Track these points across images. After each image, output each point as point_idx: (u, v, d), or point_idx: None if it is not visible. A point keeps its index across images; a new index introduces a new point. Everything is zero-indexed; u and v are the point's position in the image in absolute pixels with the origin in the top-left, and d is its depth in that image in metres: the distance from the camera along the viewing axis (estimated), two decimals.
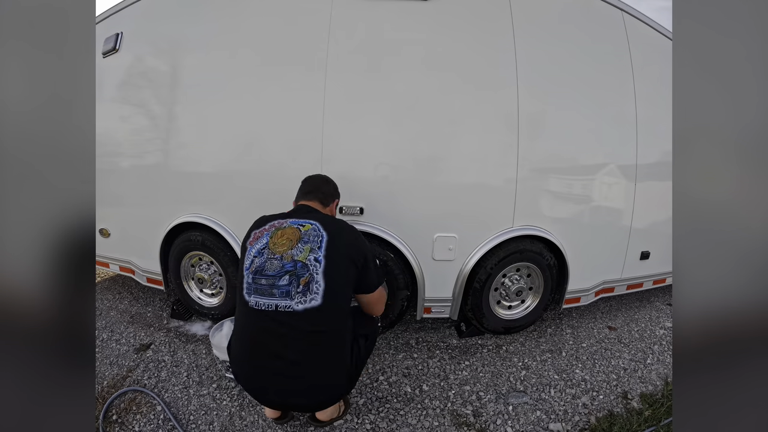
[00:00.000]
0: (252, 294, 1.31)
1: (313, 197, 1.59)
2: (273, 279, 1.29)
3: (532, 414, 1.77)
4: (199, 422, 1.69)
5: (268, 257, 1.33)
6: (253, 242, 1.40)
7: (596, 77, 2.18)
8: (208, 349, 2.21)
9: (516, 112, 2.03)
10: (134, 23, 2.34)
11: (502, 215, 2.11)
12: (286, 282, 1.28)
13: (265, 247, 1.35)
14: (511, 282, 2.31)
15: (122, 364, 2.10)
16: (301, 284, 1.27)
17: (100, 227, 2.58)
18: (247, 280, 1.34)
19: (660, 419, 1.70)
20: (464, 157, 2.06)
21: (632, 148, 2.26)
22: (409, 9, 2.00)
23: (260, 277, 1.31)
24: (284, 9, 2.07)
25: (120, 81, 2.34)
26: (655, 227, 2.48)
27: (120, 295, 2.99)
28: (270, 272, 1.30)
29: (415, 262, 2.11)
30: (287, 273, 1.29)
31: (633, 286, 2.61)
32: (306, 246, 1.32)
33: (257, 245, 1.38)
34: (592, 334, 2.50)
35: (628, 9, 2.27)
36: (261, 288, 1.30)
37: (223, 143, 2.14)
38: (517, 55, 2.03)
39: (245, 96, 2.09)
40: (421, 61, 2.01)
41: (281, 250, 1.33)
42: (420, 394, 1.90)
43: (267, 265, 1.31)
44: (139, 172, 2.36)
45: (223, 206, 2.21)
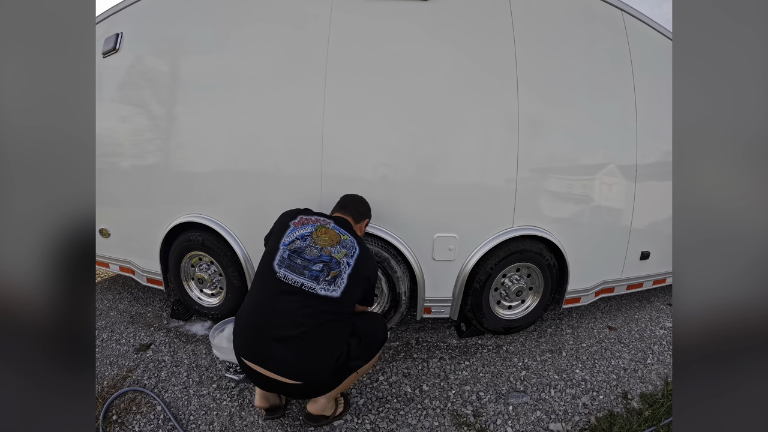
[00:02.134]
0: (283, 267, 1.47)
1: (348, 213, 1.78)
2: (308, 263, 1.47)
3: (532, 414, 1.77)
4: (199, 422, 1.69)
5: (310, 244, 1.52)
6: (298, 225, 1.58)
7: (596, 77, 2.18)
8: (208, 349, 2.21)
9: (516, 111, 2.03)
10: (134, 23, 2.34)
11: (502, 215, 2.11)
12: (319, 269, 1.47)
13: (309, 235, 1.55)
14: (511, 282, 2.31)
15: (122, 364, 2.10)
16: (330, 275, 1.47)
17: (100, 227, 2.58)
18: (282, 254, 1.50)
19: (660, 419, 1.70)
20: (464, 157, 2.06)
21: (632, 148, 2.26)
22: (409, 9, 2.00)
23: (297, 257, 1.49)
24: (284, 9, 2.07)
25: (120, 81, 2.34)
26: (655, 227, 2.48)
27: (120, 295, 2.99)
28: (308, 256, 1.49)
29: (415, 262, 2.11)
30: (322, 262, 1.48)
31: (633, 286, 2.61)
32: (343, 250, 1.54)
33: (302, 230, 1.56)
34: (592, 334, 2.50)
35: (628, 9, 2.27)
36: (294, 266, 1.47)
37: (223, 143, 2.14)
38: (517, 55, 2.03)
39: (245, 96, 2.09)
40: (420, 61, 2.01)
41: (323, 244, 1.53)
42: (420, 394, 1.90)
43: (307, 250, 1.50)
44: (139, 172, 2.36)
45: (223, 206, 2.21)
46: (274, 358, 1.40)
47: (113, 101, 2.36)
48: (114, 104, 2.36)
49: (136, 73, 2.31)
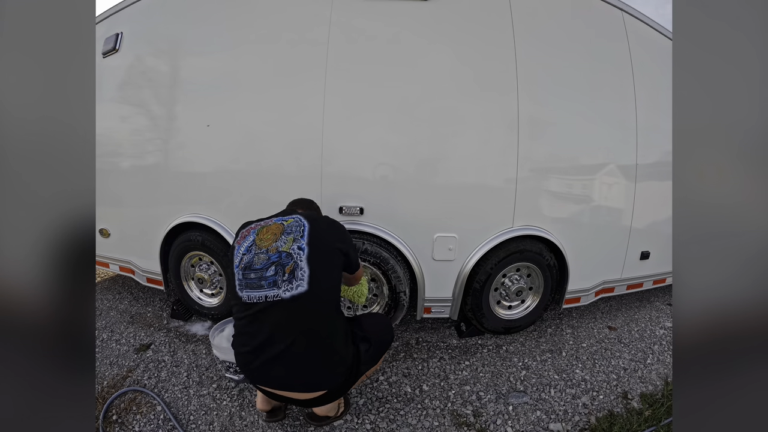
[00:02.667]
0: (244, 289, 1.36)
1: (299, 208, 1.69)
2: (261, 271, 1.34)
3: (532, 414, 1.77)
4: (199, 422, 1.69)
5: (256, 252, 1.39)
6: (240, 241, 1.46)
7: (596, 77, 2.18)
8: (208, 349, 2.21)
9: (516, 111, 2.03)
10: (134, 23, 2.34)
11: (502, 215, 2.11)
12: (273, 272, 1.33)
13: (252, 243, 1.42)
14: (511, 282, 2.31)
15: (122, 364, 2.10)
16: (286, 272, 1.32)
17: (100, 227, 2.58)
18: (238, 276, 1.38)
19: (660, 419, 1.70)
20: (464, 157, 2.06)
21: (632, 148, 2.26)
22: (409, 9, 2.00)
23: (249, 272, 1.36)
24: (284, 9, 2.07)
25: (120, 81, 2.34)
26: (655, 227, 2.48)
27: (120, 295, 2.99)
28: (257, 266, 1.35)
29: (415, 262, 2.11)
30: (273, 264, 1.34)
31: (633, 286, 2.61)
32: (289, 237, 1.39)
33: (245, 243, 1.44)
34: (592, 334, 2.50)
35: (628, 9, 2.27)
36: (251, 282, 1.35)
37: (223, 143, 2.14)
38: (517, 55, 2.03)
39: (245, 96, 2.09)
40: (421, 61, 2.01)
41: (266, 244, 1.39)
42: (420, 394, 1.90)
43: (255, 260, 1.37)
44: (139, 172, 2.36)
45: (223, 206, 2.21)
46: (282, 379, 1.35)
47: (113, 101, 2.36)
48: (114, 104, 2.36)
49: (136, 73, 2.31)
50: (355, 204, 2.04)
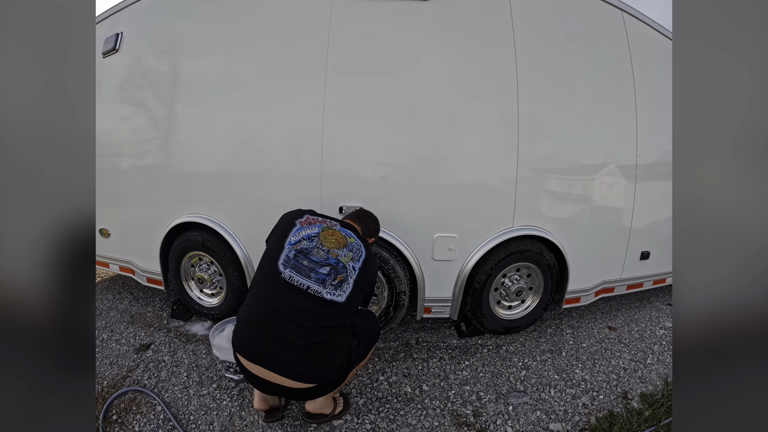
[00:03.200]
0: (288, 267, 1.42)
1: (359, 223, 1.76)
2: (315, 265, 1.43)
3: (532, 414, 1.77)
4: (199, 422, 1.69)
5: (317, 245, 1.47)
6: (304, 224, 1.54)
7: (596, 77, 2.18)
8: (208, 349, 2.21)
9: (516, 111, 2.03)
10: (134, 23, 2.34)
11: (502, 215, 2.11)
12: (326, 272, 1.42)
13: (316, 236, 1.50)
14: (511, 282, 2.31)
15: (122, 364, 2.10)
16: (337, 279, 1.43)
17: (100, 227, 2.58)
18: (287, 253, 1.45)
19: (660, 419, 1.70)
20: (464, 157, 2.06)
21: (632, 148, 2.26)
22: (409, 9, 2.00)
23: (303, 258, 1.44)
24: (284, 9, 2.07)
25: (120, 81, 2.34)
26: (655, 227, 2.48)
27: (120, 295, 2.99)
28: (314, 258, 1.44)
29: (415, 262, 2.11)
30: (329, 265, 1.44)
31: (633, 286, 2.61)
32: (350, 253, 1.50)
33: (308, 230, 1.52)
34: (592, 334, 2.50)
35: (628, 9, 2.27)
36: (300, 267, 1.42)
37: (223, 143, 2.14)
38: (517, 55, 2.03)
39: (245, 96, 2.09)
40: (421, 61, 2.01)
41: (330, 246, 1.49)
42: (420, 394, 1.90)
43: (314, 252, 1.46)
44: (139, 172, 2.36)
45: (223, 206, 2.21)
46: (278, 360, 1.36)
47: (113, 101, 2.36)
48: (114, 104, 2.36)
49: (136, 73, 2.31)
50: (355, 204, 2.04)
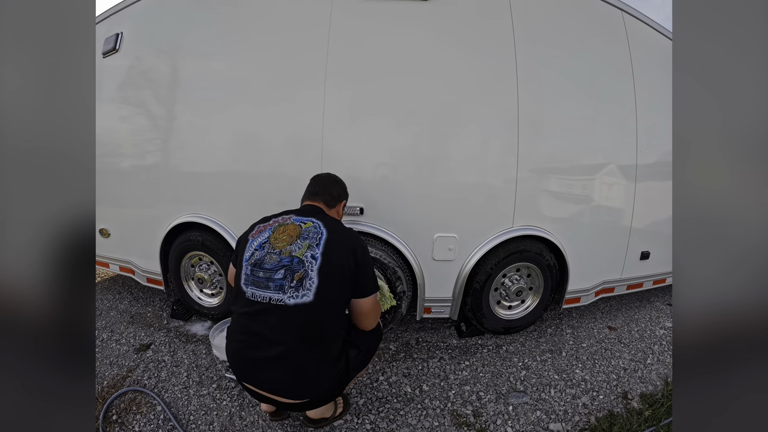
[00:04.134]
0: (249, 285, 1.34)
1: (320, 199, 1.60)
2: (270, 272, 1.31)
3: (532, 414, 1.77)
4: (199, 422, 1.69)
5: (268, 251, 1.35)
6: (255, 235, 1.43)
7: (596, 77, 2.18)
8: (208, 349, 2.21)
9: (516, 111, 2.03)
10: (134, 23, 2.34)
11: (502, 215, 2.11)
12: (281, 276, 1.29)
13: (267, 241, 1.38)
14: (511, 282, 2.31)
15: (122, 364, 2.10)
16: (294, 279, 1.28)
17: (100, 227, 2.58)
18: (245, 271, 1.36)
19: (660, 419, 1.70)
20: (464, 157, 2.06)
21: (632, 148, 2.26)
22: (409, 9, 2.00)
23: (258, 270, 1.33)
24: (284, 10, 2.07)
25: (120, 81, 2.34)
26: (655, 227, 2.48)
27: (120, 295, 2.99)
28: (268, 265, 1.32)
29: (415, 262, 2.11)
30: (283, 267, 1.30)
31: (633, 286, 2.61)
32: (305, 242, 1.34)
33: (259, 238, 1.41)
34: (592, 334, 2.50)
35: (628, 9, 2.27)
36: (258, 280, 1.32)
37: (223, 143, 2.14)
38: (517, 55, 2.03)
39: (245, 96, 2.09)
40: (420, 61, 2.01)
41: (281, 245, 1.35)
42: (420, 394, 1.90)
43: (266, 259, 1.34)
44: (139, 172, 2.36)
45: (223, 206, 2.21)
46: (265, 380, 1.32)
47: (113, 101, 2.36)
48: (114, 104, 2.36)
49: (136, 73, 2.31)
50: (355, 204, 2.03)
